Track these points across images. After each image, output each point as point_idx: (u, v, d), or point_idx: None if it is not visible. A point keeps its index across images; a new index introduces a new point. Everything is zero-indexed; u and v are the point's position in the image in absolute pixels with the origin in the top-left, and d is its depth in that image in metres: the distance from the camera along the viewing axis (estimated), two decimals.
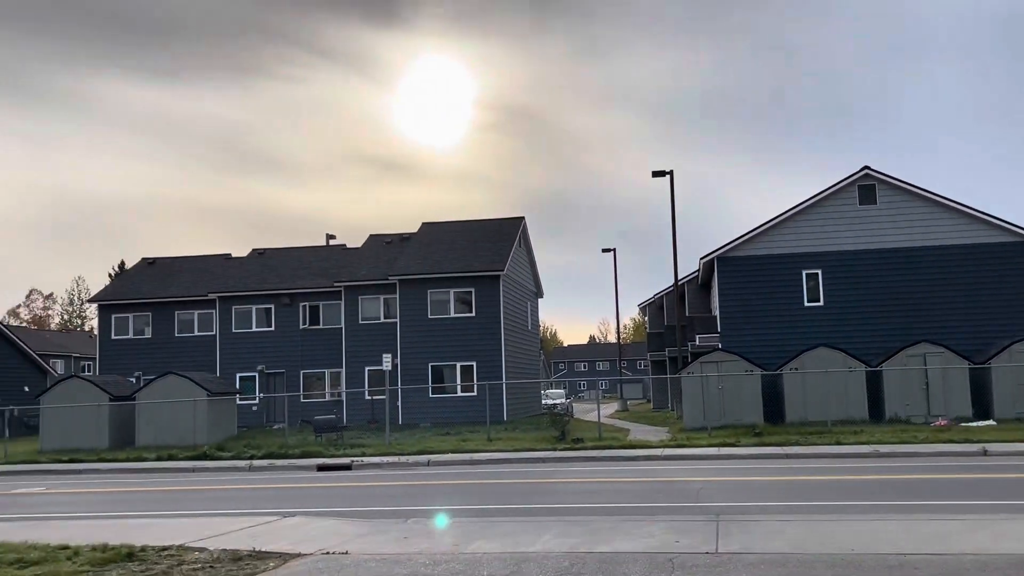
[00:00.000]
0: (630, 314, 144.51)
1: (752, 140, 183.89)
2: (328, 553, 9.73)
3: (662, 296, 50.11)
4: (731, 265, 33.15)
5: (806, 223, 32.89)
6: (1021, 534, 9.69)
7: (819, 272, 32.53)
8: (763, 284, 32.74)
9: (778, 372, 29.67)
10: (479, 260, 39.93)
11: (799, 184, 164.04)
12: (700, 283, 40.70)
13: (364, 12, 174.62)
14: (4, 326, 51.07)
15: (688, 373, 30.00)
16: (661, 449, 23.20)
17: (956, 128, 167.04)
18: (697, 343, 34.98)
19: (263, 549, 9.98)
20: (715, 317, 35.19)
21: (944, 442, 21.88)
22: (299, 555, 9.68)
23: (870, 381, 29.16)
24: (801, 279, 32.62)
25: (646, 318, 55.50)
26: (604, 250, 53.43)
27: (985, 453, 20.07)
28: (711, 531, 10.35)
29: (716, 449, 22.68)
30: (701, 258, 34.60)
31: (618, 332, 61.14)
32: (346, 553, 9.69)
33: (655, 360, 49.81)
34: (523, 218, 44.48)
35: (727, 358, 29.95)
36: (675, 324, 38.89)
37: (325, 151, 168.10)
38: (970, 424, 26.42)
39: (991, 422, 26.89)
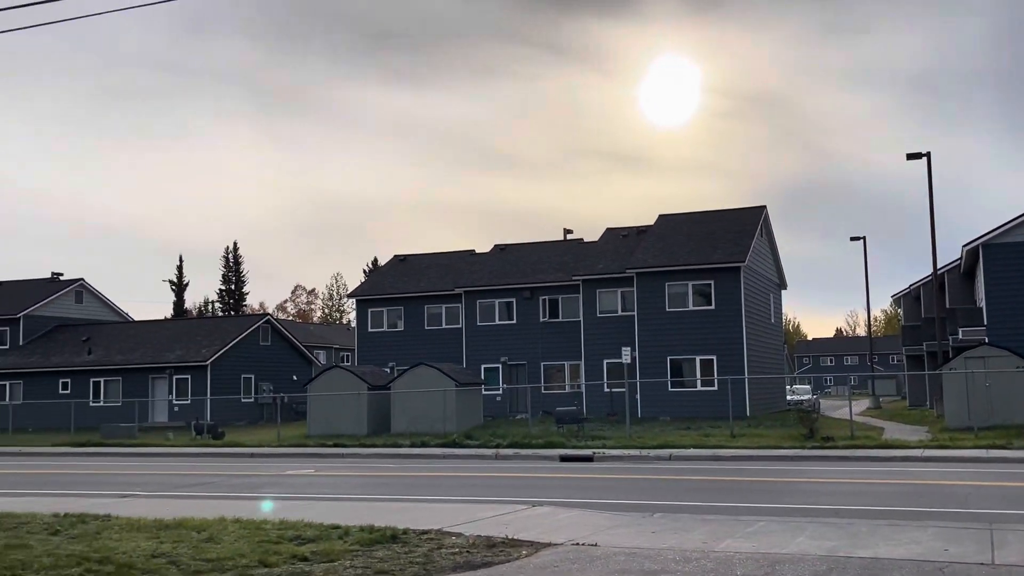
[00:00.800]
0: (880, 306, 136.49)
1: (1021, 117, 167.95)
2: (578, 544, 9.90)
3: (918, 287, 46.91)
4: (1000, 252, 30.50)
5: None
6: None
7: None
8: None
9: None
10: (718, 252, 39.13)
11: None
12: (962, 272, 37.74)
13: (597, 7, 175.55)
14: (276, 320, 55.88)
15: (950, 369, 27.93)
16: (921, 450, 21.77)
17: None
18: (960, 337, 32.48)
19: (515, 537, 10.30)
20: (980, 309, 32.51)
21: None
22: (550, 544, 9.91)
23: None
24: None
25: (900, 310, 52.20)
26: (852, 238, 50.59)
27: None
28: (984, 540, 9.61)
29: (984, 451, 20.98)
30: (964, 245, 32.09)
31: (869, 325, 57.96)
32: (595, 545, 9.82)
33: (911, 355, 46.75)
34: (764, 207, 43.11)
35: (996, 353, 27.61)
36: (933, 316, 36.33)
37: (560, 146, 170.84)
38: None
39: None
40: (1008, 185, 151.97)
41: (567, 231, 50.53)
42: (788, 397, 46.85)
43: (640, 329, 39.19)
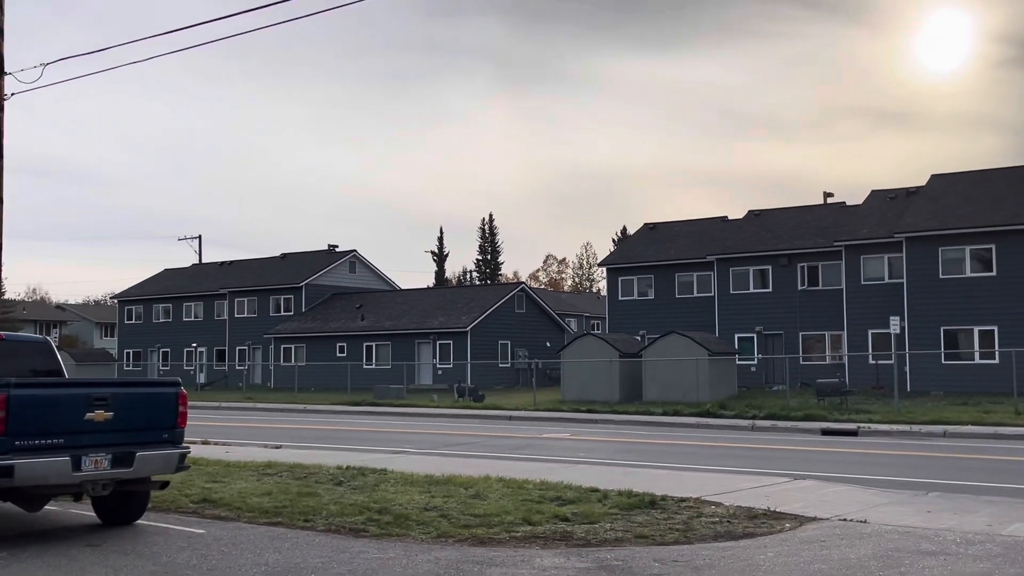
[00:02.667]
0: None
1: None
2: (845, 520, 9.50)
3: None
4: None
5: None
6: None
7: None
8: None
9: None
10: (1000, 213, 35.76)
11: None
12: None
13: None
14: (529, 288, 57.55)
15: None
16: None
17: None
18: None
19: (777, 509, 10.04)
20: None
21: None
22: (815, 519, 9.59)
23: None
24: None
25: None
26: None
27: None
28: None
29: None
30: None
31: None
32: (864, 522, 9.38)
33: None
34: None
35: None
36: None
37: (816, 106, 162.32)
38: None
39: None
40: None
41: (827, 195, 48.14)
42: None
43: (910, 297, 36.67)
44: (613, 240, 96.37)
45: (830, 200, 47.57)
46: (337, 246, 61.88)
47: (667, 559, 7.70)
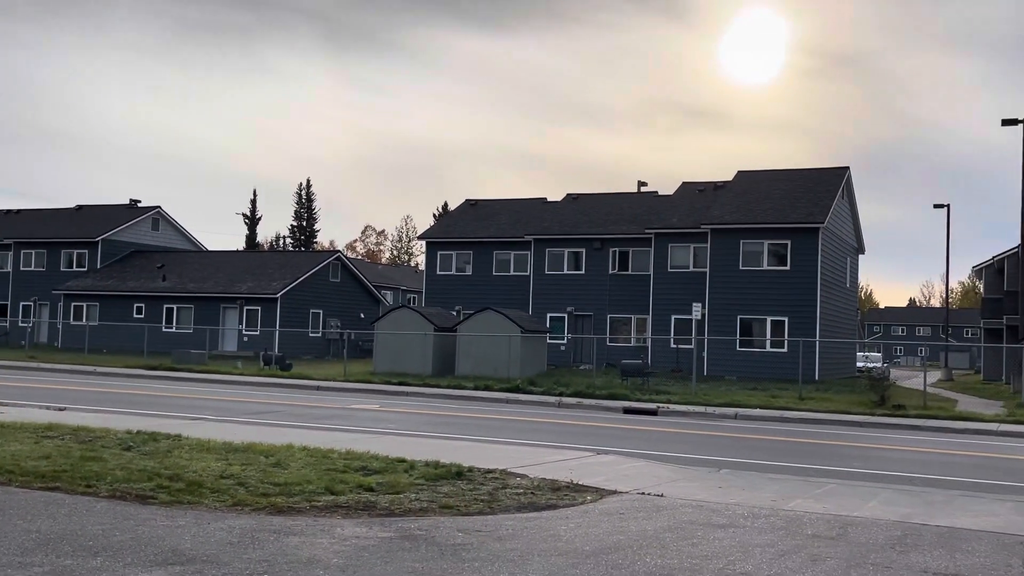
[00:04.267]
0: (957, 278, 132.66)
1: None
2: (643, 494, 9.78)
3: (1003, 258, 45.23)
4: None
5: None
6: None
7: None
8: None
9: None
10: (797, 211, 38.18)
11: None
12: None
13: None
14: (347, 258, 56.51)
15: None
16: (996, 424, 21.11)
17: None
18: None
19: (580, 482, 10.21)
20: None
21: None
22: (615, 492, 9.81)
23: None
24: None
25: (980, 282, 50.51)
26: (936, 206, 48.93)
27: None
28: None
29: None
30: None
31: (947, 295, 56.26)
32: (661, 496, 9.68)
33: (989, 328, 45.28)
34: (847, 168, 41.83)
35: None
36: (1017, 290, 35.06)
37: (637, 98, 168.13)
38: None
39: None
40: None
41: (641, 184, 49.84)
42: (858, 364, 45.94)
43: (711, 286, 38.61)
44: (434, 215, 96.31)
45: (644, 189, 49.29)
46: (140, 201, 58.44)
47: (471, 529, 7.63)
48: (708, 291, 38.55)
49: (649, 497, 9.59)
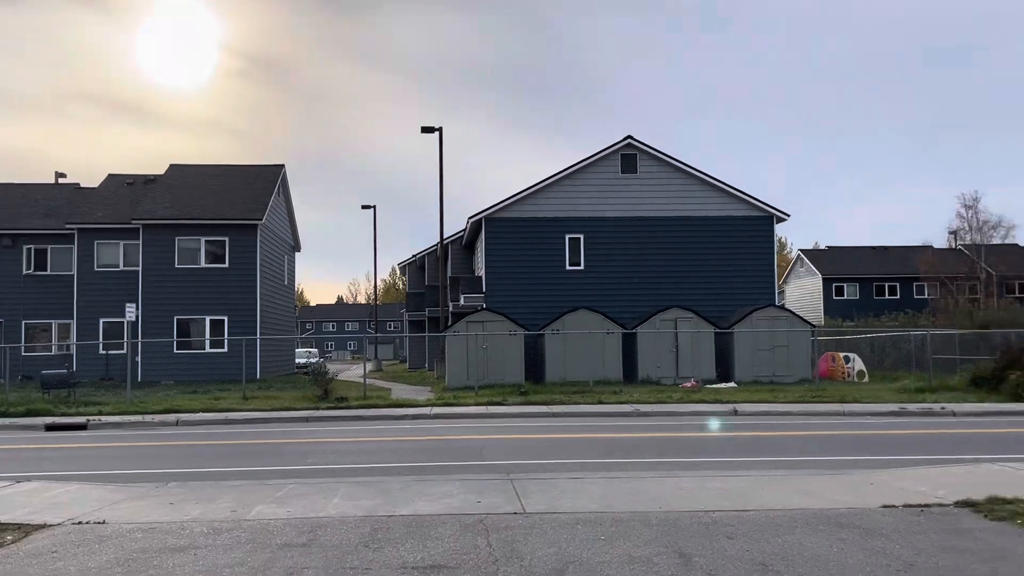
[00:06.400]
0: (381, 275, 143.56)
1: (514, 110, 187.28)
2: (82, 523, 8.27)
3: (423, 256, 49.60)
4: (498, 226, 33.12)
5: (571, 188, 33.44)
6: (809, 489, 9.91)
7: (581, 237, 33.23)
8: (528, 246, 33.02)
9: (540, 333, 30.03)
10: (235, 207, 37.45)
11: (558, 158, 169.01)
12: (465, 243, 40.52)
13: None
14: None
15: (453, 332, 29.67)
16: (430, 408, 22.66)
17: (709, 110, 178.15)
18: (461, 303, 34.75)
19: None
20: (480, 278, 35.11)
21: (697, 402, 22.86)
22: (44, 526, 8.15)
23: (626, 343, 30.18)
24: (564, 243, 33.18)
25: (405, 277, 54.84)
26: (364, 207, 51.85)
27: (735, 412, 21.11)
28: (509, 490, 9.88)
29: (484, 407, 22.44)
30: (469, 218, 34.33)
31: (375, 291, 59.98)
32: (103, 523, 8.28)
33: (413, 320, 49.29)
34: (283, 166, 42.23)
35: (492, 318, 29.90)
36: (437, 284, 38.53)
37: (49, 85, 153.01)
38: (715, 386, 27.95)
39: (732, 384, 28.60)
40: (504, 173, 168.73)
41: (60, 175, 44.96)
42: (298, 360, 46.79)
43: (145, 286, 36.13)
44: None
45: (63, 181, 44.56)
46: None
47: None
48: (142, 291, 36.02)
49: (89, 526, 8.14)
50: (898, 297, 60.62)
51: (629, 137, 33.58)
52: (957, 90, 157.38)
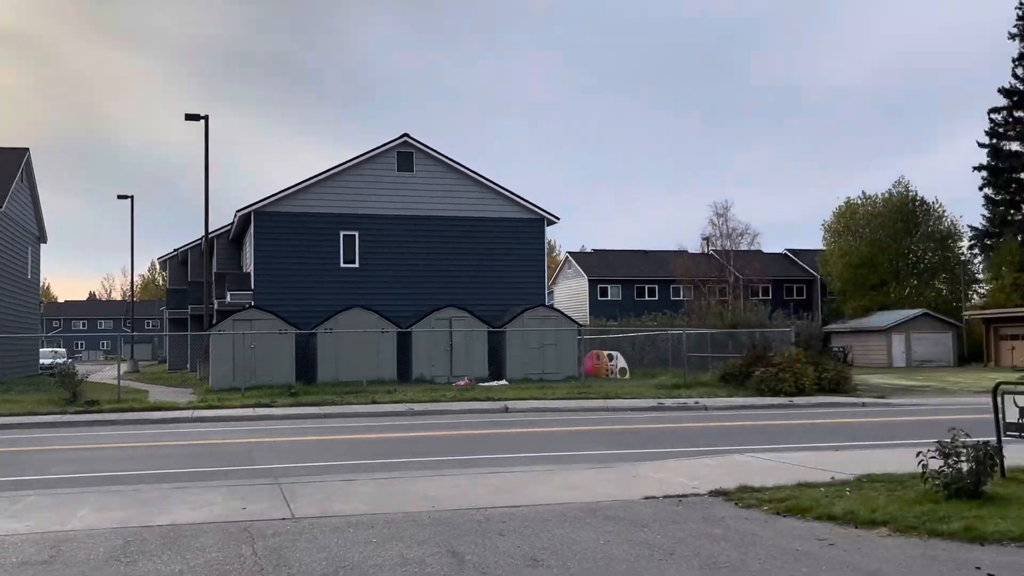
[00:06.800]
0: (140, 271, 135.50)
1: (287, 105, 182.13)
2: None
3: (187, 250, 47.11)
4: (269, 220, 32.04)
5: (347, 184, 32.90)
6: (576, 483, 10.20)
7: (356, 234, 32.75)
8: (301, 242, 32.16)
9: (312, 332, 29.33)
10: None
11: (337, 157, 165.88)
12: (232, 238, 38.86)
13: None
14: None
15: (219, 331, 28.38)
16: (191, 411, 21.51)
17: (491, 115, 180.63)
18: (228, 300, 33.30)
19: None
20: (248, 274, 33.82)
21: (470, 400, 23.14)
22: None
23: (401, 342, 30.07)
24: (339, 240, 32.59)
25: (166, 273, 51.93)
26: (120, 196, 48.38)
27: (507, 410, 21.54)
28: (277, 495, 9.51)
29: (252, 410, 21.64)
30: (238, 211, 32.97)
31: (132, 287, 56.22)
32: None
33: (175, 318, 46.75)
34: (27, 149, 38.73)
35: (261, 316, 28.90)
36: (202, 280, 36.74)
37: None
38: (487, 384, 28.40)
39: (504, 382, 29.18)
40: (278, 166, 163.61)
41: None
42: (43, 360, 43.17)
43: None
44: None
45: None
46: None
47: None
48: None
49: None
50: (658, 298, 64.18)
51: (406, 135, 33.48)
52: (718, 99, 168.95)
